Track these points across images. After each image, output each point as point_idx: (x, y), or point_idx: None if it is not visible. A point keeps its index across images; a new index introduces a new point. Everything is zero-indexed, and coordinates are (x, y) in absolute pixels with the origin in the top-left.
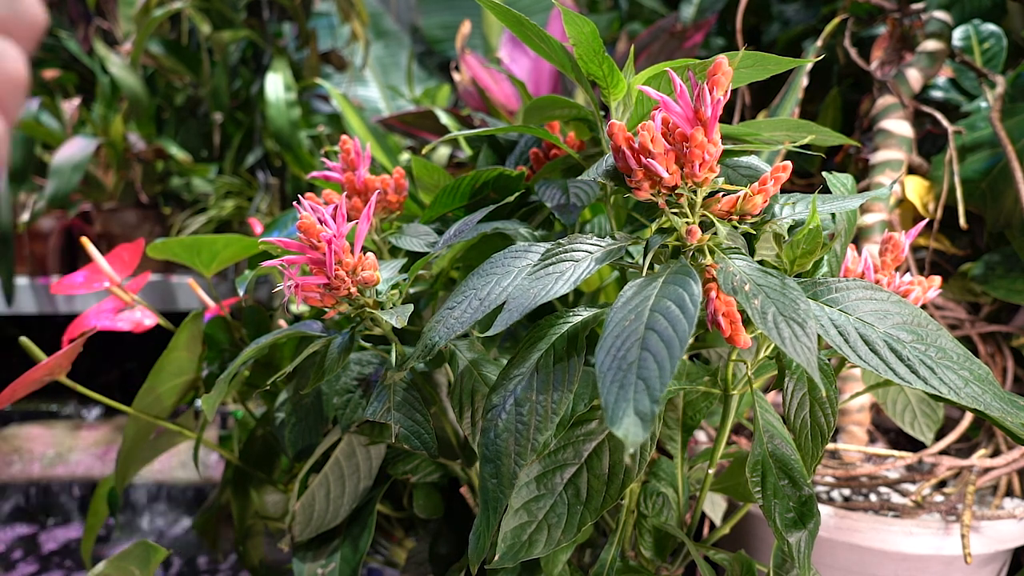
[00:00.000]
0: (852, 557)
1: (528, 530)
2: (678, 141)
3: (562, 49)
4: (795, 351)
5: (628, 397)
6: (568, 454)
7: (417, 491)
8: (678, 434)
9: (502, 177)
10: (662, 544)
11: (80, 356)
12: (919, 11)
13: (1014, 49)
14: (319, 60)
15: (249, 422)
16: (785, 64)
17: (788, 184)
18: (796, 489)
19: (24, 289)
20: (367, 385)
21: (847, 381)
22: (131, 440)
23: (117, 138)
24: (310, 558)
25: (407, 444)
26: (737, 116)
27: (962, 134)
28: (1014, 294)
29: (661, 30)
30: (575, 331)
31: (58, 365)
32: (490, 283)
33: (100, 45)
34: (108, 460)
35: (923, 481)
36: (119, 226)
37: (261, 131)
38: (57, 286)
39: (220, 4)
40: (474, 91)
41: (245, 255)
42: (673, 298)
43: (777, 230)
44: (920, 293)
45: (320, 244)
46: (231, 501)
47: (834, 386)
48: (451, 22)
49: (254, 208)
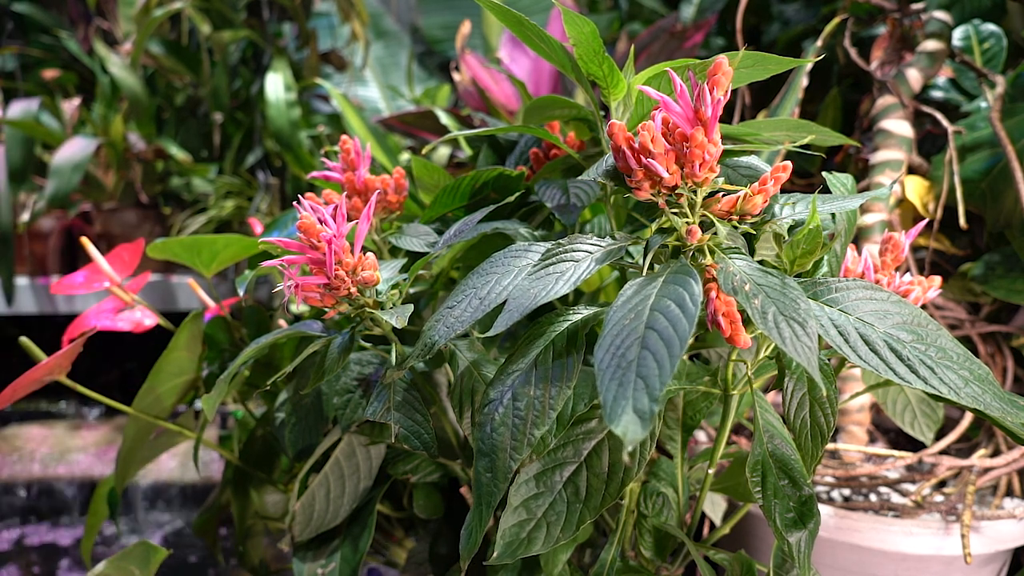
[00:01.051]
0: (852, 557)
1: (527, 527)
2: (678, 141)
3: (562, 49)
4: (795, 351)
5: (627, 395)
6: (568, 452)
7: (417, 491)
8: (678, 434)
9: (502, 177)
10: (662, 544)
11: (80, 356)
12: (919, 11)
13: (1014, 49)
14: (319, 60)
15: (249, 422)
16: (785, 64)
17: (788, 184)
18: (796, 489)
19: (24, 289)
20: (367, 385)
21: (847, 381)
22: (131, 440)
23: (117, 138)
24: (310, 558)
25: (407, 444)
26: (737, 116)
27: (962, 134)
28: (1014, 294)
29: (661, 30)
30: (575, 329)
31: (58, 365)
32: (490, 282)
33: (100, 45)
34: (108, 460)
35: (923, 481)
36: (119, 226)
37: (261, 131)
38: (57, 286)
39: (220, 4)
40: (474, 91)
41: (245, 255)
42: (673, 297)
43: (777, 230)
44: (920, 293)
45: (320, 244)
46: (231, 501)
47: (834, 386)
48: (451, 22)
49: (254, 208)
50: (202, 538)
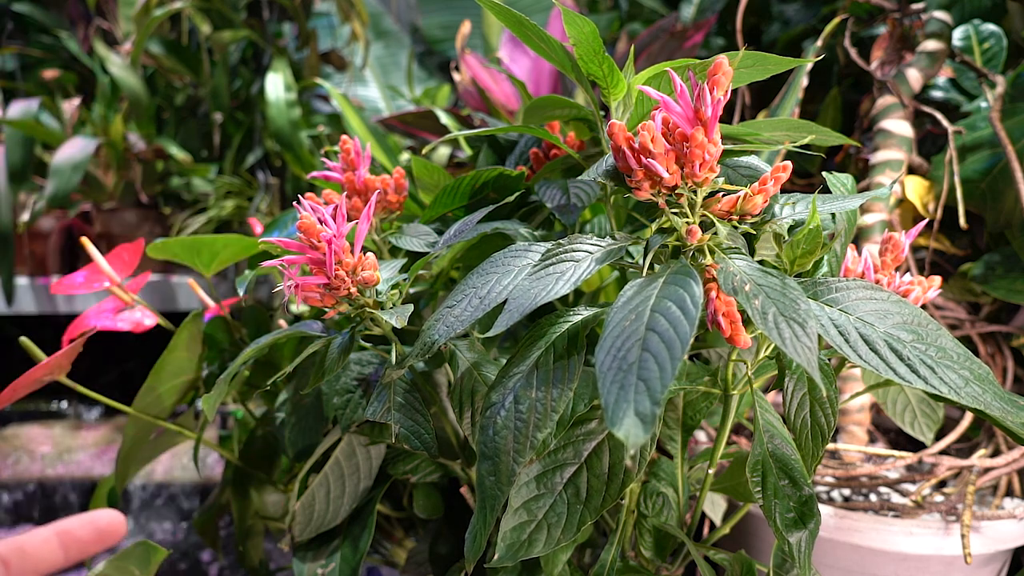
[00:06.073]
0: (852, 557)
1: (528, 529)
2: (678, 141)
3: (562, 49)
4: (795, 351)
5: (628, 398)
6: (568, 454)
7: (417, 491)
8: (678, 434)
9: (502, 177)
10: (662, 544)
11: (80, 356)
12: (919, 11)
13: (1014, 49)
14: (319, 60)
15: (249, 422)
16: (785, 64)
17: (788, 184)
18: (796, 489)
19: (24, 289)
20: (367, 385)
21: (847, 381)
22: (131, 440)
23: (117, 138)
24: (310, 558)
25: (407, 444)
26: (737, 116)
27: (962, 134)
28: (1014, 294)
29: (661, 30)
30: (575, 330)
31: (58, 365)
32: (490, 282)
33: (100, 45)
34: (108, 460)
35: (923, 481)
36: (119, 226)
37: (261, 131)
38: (57, 286)
39: (220, 4)
40: (474, 91)
41: (245, 255)
42: (674, 299)
43: (777, 230)
44: (920, 293)
45: (320, 244)
46: (231, 501)
47: (834, 386)
48: (451, 22)
49: (254, 208)
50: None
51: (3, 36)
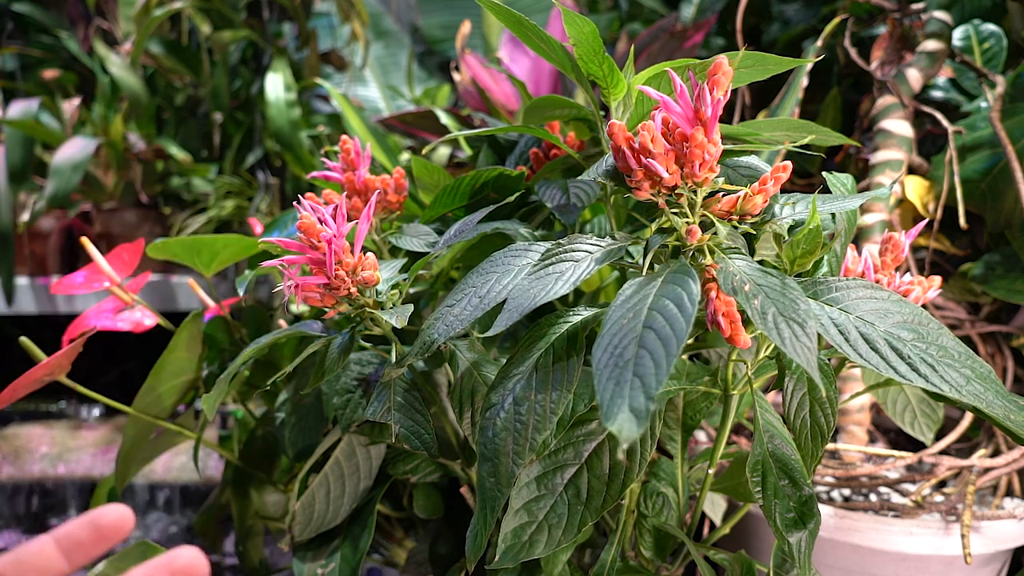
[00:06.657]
0: (852, 557)
1: (528, 530)
2: (678, 141)
3: (562, 49)
4: (795, 351)
5: (623, 394)
6: (568, 454)
7: (417, 491)
8: (678, 434)
9: (502, 177)
10: (662, 544)
11: (80, 356)
12: (919, 11)
13: (1014, 49)
14: (319, 60)
15: (249, 422)
16: (785, 64)
17: (788, 184)
18: (796, 489)
19: (24, 289)
20: (367, 385)
21: (847, 381)
22: (131, 440)
23: (117, 138)
24: (310, 558)
25: (407, 444)
26: (737, 116)
27: (962, 134)
28: (1014, 294)
29: (661, 30)
30: (575, 331)
31: (58, 365)
32: (490, 281)
33: (100, 45)
34: (108, 460)
35: (923, 481)
36: (119, 226)
37: (261, 131)
38: (57, 286)
39: (220, 4)
40: (474, 91)
41: (245, 255)
42: (672, 297)
43: (777, 230)
44: (920, 293)
45: (320, 244)
46: (231, 501)
47: (834, 386)
48: (451, 22)
49: (254, 208)
50: (202, 538)
51: (3, 36)
